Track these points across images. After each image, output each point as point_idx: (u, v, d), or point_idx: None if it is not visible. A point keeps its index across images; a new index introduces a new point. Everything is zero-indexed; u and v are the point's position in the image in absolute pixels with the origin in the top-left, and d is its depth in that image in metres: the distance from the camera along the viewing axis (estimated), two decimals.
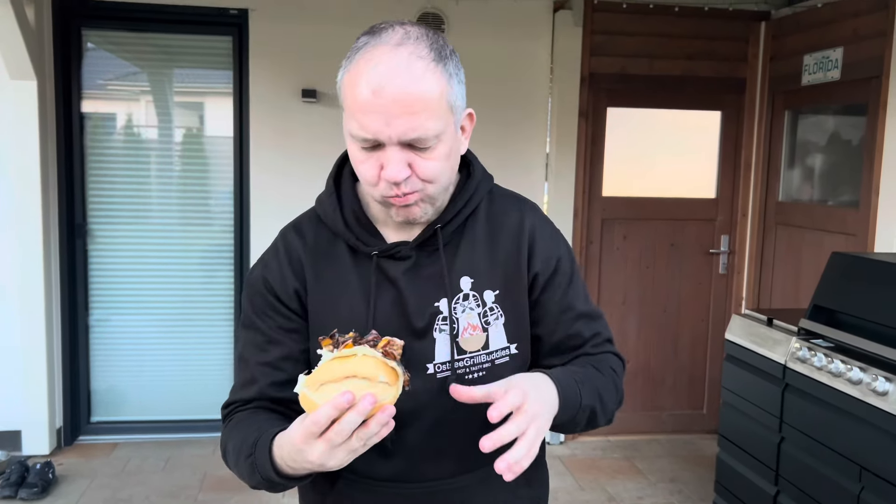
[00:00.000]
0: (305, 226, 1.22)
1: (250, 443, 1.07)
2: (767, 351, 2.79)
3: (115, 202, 4.11)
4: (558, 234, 1.28)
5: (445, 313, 1.15)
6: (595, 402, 1.14)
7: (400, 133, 1.03)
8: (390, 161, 1.05)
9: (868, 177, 3.42)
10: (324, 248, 1.19)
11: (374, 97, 1.02)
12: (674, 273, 4.38)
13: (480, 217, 1.21)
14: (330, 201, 1.20)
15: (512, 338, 1.18)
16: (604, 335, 1.26)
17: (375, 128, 1.03)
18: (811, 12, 3.82)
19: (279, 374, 1.17)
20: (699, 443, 4.34)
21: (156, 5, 3.89)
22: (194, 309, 4.21)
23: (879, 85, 3.32)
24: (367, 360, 0.96)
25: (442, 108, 1.05)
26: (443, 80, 1.05)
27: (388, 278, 1.16)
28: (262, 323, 1.19)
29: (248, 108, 4.01)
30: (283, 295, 1.18)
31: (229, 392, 1.23)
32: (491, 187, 1.25)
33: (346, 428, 0.92)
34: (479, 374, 1.16)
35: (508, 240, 1.20)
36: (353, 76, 1.05)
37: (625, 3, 4.06)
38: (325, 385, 0.95)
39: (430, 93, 1.03)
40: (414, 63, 1.03)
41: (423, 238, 1.16)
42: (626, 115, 4.27)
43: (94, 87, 4.06)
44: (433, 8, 4.00)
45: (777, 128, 4.13)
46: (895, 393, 2.19)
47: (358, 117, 1.04)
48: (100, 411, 4.22)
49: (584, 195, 4.21)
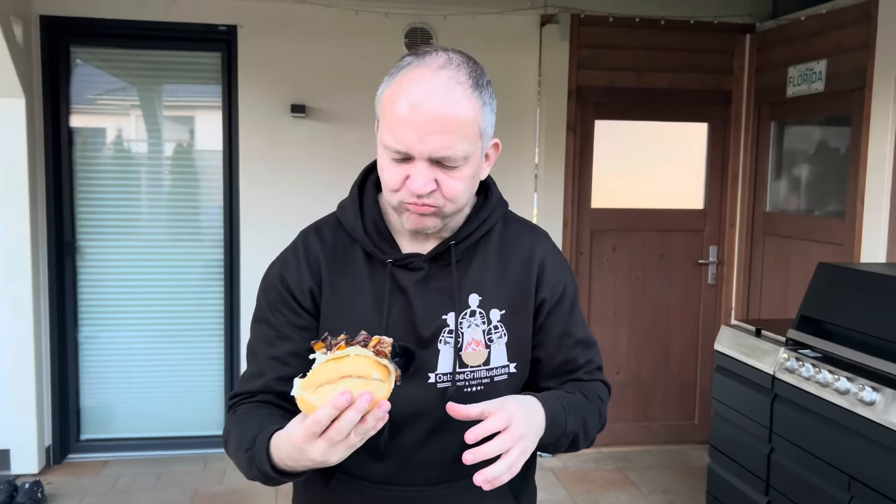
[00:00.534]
0: (325, 229, 1.28)
1: (250, 437, 1.11)
2: (756, 361, 2.81)
3: (105, 218, 4.10)
4: (566, 263, 1.34)
5: (452, 326, 1.20)
6: (579, 429, 1.21)
7: (431, 150, 1.09)
8: (418, 174, 1.11)
9: (853, 187, 3.45)
10: (341, 253, 1.24)
11: (412, 113, 1.08)
12: (663, 284, 4.40)
13: (494, 239, 1.27)
14: (352, 208, 1.25)
15: (512, 357, 1.24)
16: (596, 363, 1.33)
17: (409, 141, 1.09)
18: (795, 25, 3.87)
19: (286, 370, 1.21)
20: (691, 453, 4.35)
21: (144, 22, 3.90)
22: (184, 324, 4.20)
23: (862, 96, 3.36)
24: (361, 359, 1.01)
25: (473, 133, 1.12)
26: (477, 106, 1.12)
27: (400, 287, 1.21)
28: (274, 318, 1.23)
29: (238, 123, 4.02)
30: (298, 292, 1.22)
31: (237, 383, 1.28)
32: (506, 212, 1.31)
33: (345, 426, 0.97)
34: (478, 388, 1.22)
35: (519, 263, 1.26)
36: (395, 91, 1.11)
37: (611, 17, 4.10)
38: (322, 386, 0.99)
39: (464, 116, 1.10)
40: (453, 87, 1.10)
41: (437, 252, 1.22)
42: (614, 128, 4.30)
43: (83, 102, 4.06)
44: (421, 23, 4.02)
45: (763, 139, 4.17)
46: (882, 403, 2.20)
47: (394, 130, 1.10)
48: (89, 429, 4.19)
49: (573, 207, 4.23)
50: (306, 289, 1.22)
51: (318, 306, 1.22)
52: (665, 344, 4.44)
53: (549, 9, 4.08)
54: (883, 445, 2.19)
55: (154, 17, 3.88)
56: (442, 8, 4.01)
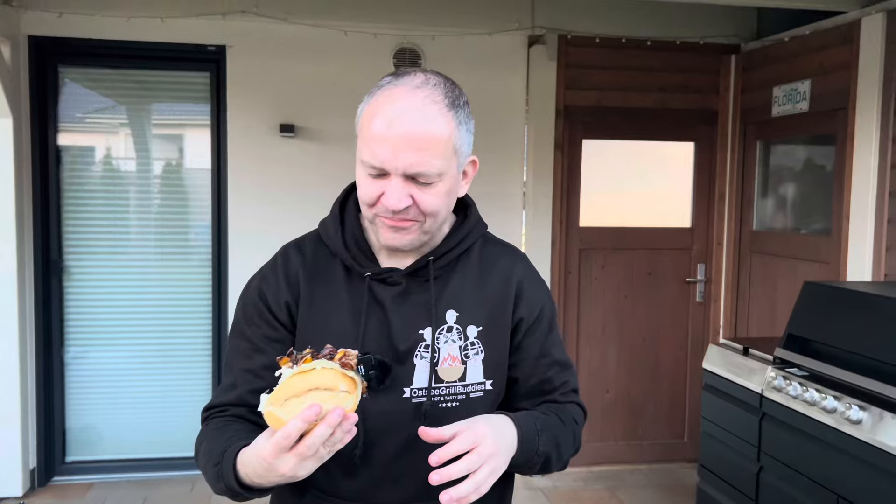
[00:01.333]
0: (306, 244, 1.30)
1: (219, 451, 1.12)
2: (744, 380, 2.81)
3: (92, 237, 4.08)
4: (544, 284, 1.36)
5: (428, 341, 1.21)
6: (551, 450, 1.21)
7: (405, 165, 1.12)
8: (393, 190, 1.14)
9: (838, 205, 3.48)
10: (321, 267, 1.26)
11: (387, 129, 1.12)
12: (652, 302, 4.41)
13: (473, 257, 1.29)
14: (333, 223, 1.28)
15: (489, 374, 1.25)
16: (571, 385, 1.34)
17: (384, 157, 1.13)
18: (779, 46, 3.91)
19: (259, 382, 1.22)
20: (680, 472, 4.34)
21: (133, 42, 3.91)
22: (172, 344, 4.17)
23: (846, 116, 3.40)
24: (327, 371, 1.02)
25: (447, 150, 1.16)
26: (452, 124, 1.16)
27: (378, 301, 1.22)
28: (250, 331, 1.25)
29: (226, 142, 4.02)
30: (274, 305, 1.24)
31: (213, 395, 1.29)
32: (485, 233, 1.33)
33: (316, 441, 0.98)
34: (453, 403, 1.22)
35: (497, 282, 1.28)
36: (373, 109, 1.16)
37: (598, 38, 4.13)
38: (289, 400, 1.00)
39: (438, 134, 1.14)
40: (428, 105, 1.14)
41: (416, 267, 1.23)
42: (602, 147, 4.33)
43: (71, 121, 4.05)
44: (410, 43, 4.05)
45: (749, 158, 4.21)
46: (869, 421, 2.21)
47: (371, 145, 1.14)
48: (75, 450, 4.14)
49: (562, 225, 4.25)
50: (283, 303, 1.24)
51: (295, 320, 1.24)
52: (654, 362, 4.44)
53: (536, 30, 4.11)
54: (870, 464, 2.19)
55: (143, 37, 3.89)
56: (430, 28, 4.04)
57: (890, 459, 2.11)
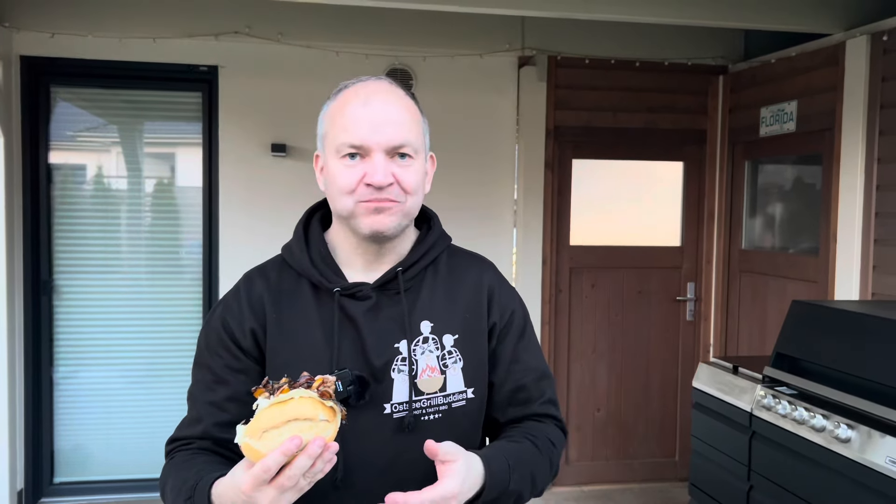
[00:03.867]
0: (270, 269, 1.29)
1: (190, 486, 1.09)
2: (734, 399, 2.82)
3: (83, 255, 4.08)
4: (515, 291, 1.36)
5: (405, 354, 1.20)
6: (525, 486, 1.19)
7: (388, 139, 1.16)
8: (377, 168, 1.16)
9: (825, 225, 3.51)
10: (287, 289, 1.24)
11: (364, 108, 1.16)
12: (642, 320, 4.42)
13: (441, 268, 1.28)
14: (297, 244, 1.27)
15: (469, 382, 1.23)
16: (548, 395, 1.32)
17: (364, 134, 1.15)
18: (766, 67, 3.97)
19: (223, 415, 1.20)
20: (672, 491, 4.34)
21: (125, 62, 3.92)
22: (163, 363, 4.16)
23: (832, 137, 3.44)
24: (305, 401, 0.99)
25: (418, 129, 1.22)
26: (416, 111, 1.23)
27: (349, 317, 1.20)
28: (213, 362, 1.23)
29: (218, 161, 4.03)
30: (238, 333, 1.22)
31: (176, 427, 1.26)
32: (449, 244, 1.33)
33: (296, 473, 0.96)
34: (436, 415, 1.20)
35: (469, 290, 1.28)
36: (341, 103, 1.20)
37: (587, 59, 4.18)
38: (267, 432, 0.97)
39: (409, 112, 1.21)
40: (395, 90, 1.22)
41: (384, 280, 1.22)
42: (592, 167, 4.36)
43: (63, 140, 4.06)
44: (401, 64, 4.08)
45: (738, 177, 4.24)
46: (857, 440, 2.22)
47: (348, 128, 1.17)
48: (63, 471, 4.11)
49: (552, 244, 4.27)
50: (247, 329, 1.21)
51: (261, 347, 1.22)
52: (645, 381, 4.45)
53: (526, 51, 4.16)
54: (858, 482, 2.20)
55: (136, 57, 3.91)
56: (421, 49, 4.08)
57: (878, 478, 2.13)
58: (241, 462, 1.02)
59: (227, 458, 1.18)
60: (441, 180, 4.16)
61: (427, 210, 1.33)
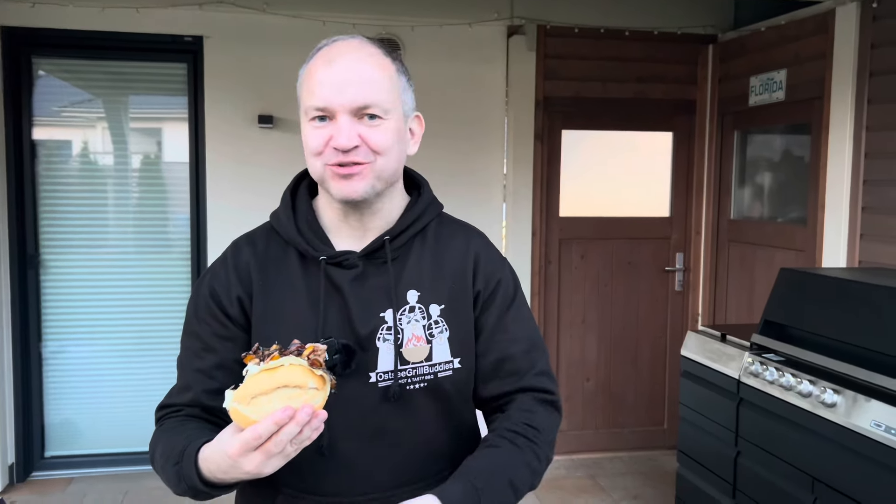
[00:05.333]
0: (258, 236, 1.28)
1: (178, 451, 1.09)
2: (721, 366, 2.85)
3: (69, 231, 4.04)
4: (503, 260, 1.33)
5: (390, 323, 1.19)
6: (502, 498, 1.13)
7: (350, 99, 1.13)
8: (342, 130, 1.13)
9: (814, 194, 3.52)
10: (274, 256, 1.23)
11: (328, 69, 1.14)
12: (631, 291, 4.44)
13: (429, 236, 1.26)
14: (285, 211, 1.26)
15: (456, 352, 1.22)
16: (540, 366, 1.27)
17: (327, 95, 1.13)
18: (755, 35, 3.95)
19: (212, 383, 1.20)
20: (661, 459, 4.39)
21: (108, 33, 3.86)
22: (152, 338, 4.15)
23: (821, 105, 3.44)
24: (295, 368, 0.99)
25: (389, 88, 1.17)
26: (391, 68, 1.18)
27: (335, 286, 1.19)
28: (201, 329, 1.22)
29: (204, 134, 3.99)
30: (225, 300, 1.21)
31: (165, 395, 1.26)
32: (440, 212, 1.30)
33: (284, 439, 0.96)
34: (421, 384, 1.19)
35: (455, 259, 1.25)
36: (312, 65, 1.17)
37: (577, 28, 4.15)
38: (256, 398, 0.97)
39: (380, 70, 1.16)
40: (366, 47, 1.18)
41: (371, 249, 1.20)
42: (581, 137, 4.35)
43: (47, 115, 4.01)
44: (389, 34, 4.04)
45: (727, 147, 4.24)
46: (843, 405, 2.25)
47: (314, 90, 1.14)
48: (54, 445, 4.11)
49: (542, 215, 4.27)
50: (234, 297, 1.21)
51: (248, 315, 1.21)
52: (634, 351, 4.48)
53: (515, 20, 4.12)
54: (844, 447, 2.23)
55: (119, 28, 3.85)
56: (409, 19, 4.03)
57: (864, 441, 2.15)
58: (229, 427, 1.03)
59: (215, 424, 1.18)
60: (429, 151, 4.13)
61: (418, 176, 1.31)
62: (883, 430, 2.09)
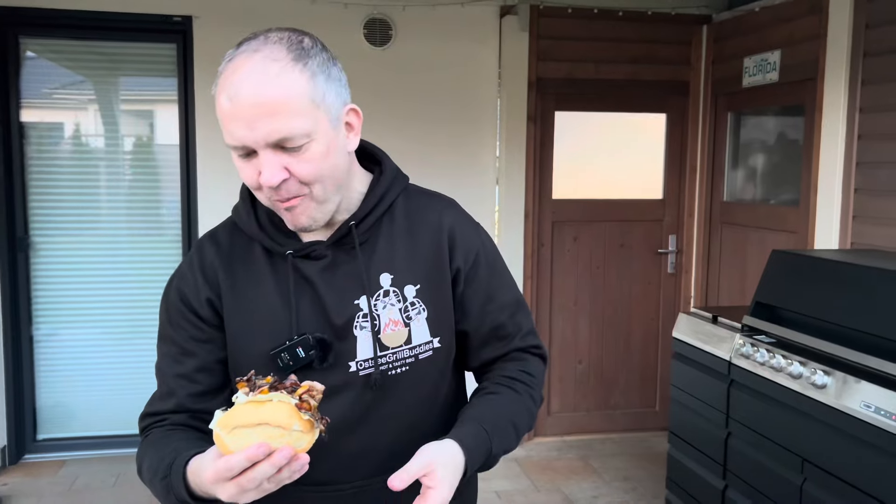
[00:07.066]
0: (221, 233, 1.24)
1: (166, 464, 1.07)
2: (713, 348, 2.85)
3: (59, 213, 4.02)
4: (477, 227, 1.30)
5: (366, 310, 1.16)
6: (509, 441, 1.17)
7: (264, 135, 1.03)
8: (264, 166, 1.05)
9: (807, 176, 3.51)
10: (239, 253, 1.20)
11: (232, 104, 1.03)
12: (624, 273, 4.44)
13: (398, 214, 1.22)
14: (244, 207, 1.22)
15: (435, 331, 1.20)
16: (526, 326, 1.29)
17: (240, 134, 1.04)
18: (750, 16, 3.92)
19: (196, 386, 1.19)
20: (652, 440, 4.41)
21: (96, 13, 3.81)
22: (143, 320, 4.13)
23: (815, 87, 3.42)
24: (282, 406, 0.95)
25: (305, 107, 1.05)
26: (302, 78, 1.05)
27: (305, 278, 1.16)
28: (176, 334, 1.20)
29: (195, 116, 3.96)
30: (196, 303, 1.19)
31: (147, 403, 1.23)
32: (406, 185, 1.26)
33: (258, 477, 0.93)
34: (403, 369, 1.18)
35: (428, 235, 1.22)
36: (219, 88, 1.06)
37: (570, 8, 4.11)
38: (237, 429, 0.94)
39: (288, 92, 1.03)
40: (268, 66, 1.04)
41: (339, 236, 1.17)
42: (574, 119, 4.32)
43: (35, 96, 3.97)
44: (380, 13, 4.00)
45: (721, 129, 4.23)
46: (833, 386, 2.25)
47: (226, 126, 1.05)
48: (46, 428, 4.11)
49: (535, 198, 4.25)
50: (203, 299, 1.18)
51: (220, 315, 1.18)
52: (626, 333, 4.49)
53: (508, 0, 4.08)
54: (834, 428, 2.24)
55: (107, 7, 3.80)
56: None
57: (853, 423, 2.16)
58: (213, 448, 1.00)
59: (204, 431, 1.15)
60: (421, 133, 4.13)
61: (376, 151, 1.25)
62: (873, 412, 2.09)
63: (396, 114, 4.05)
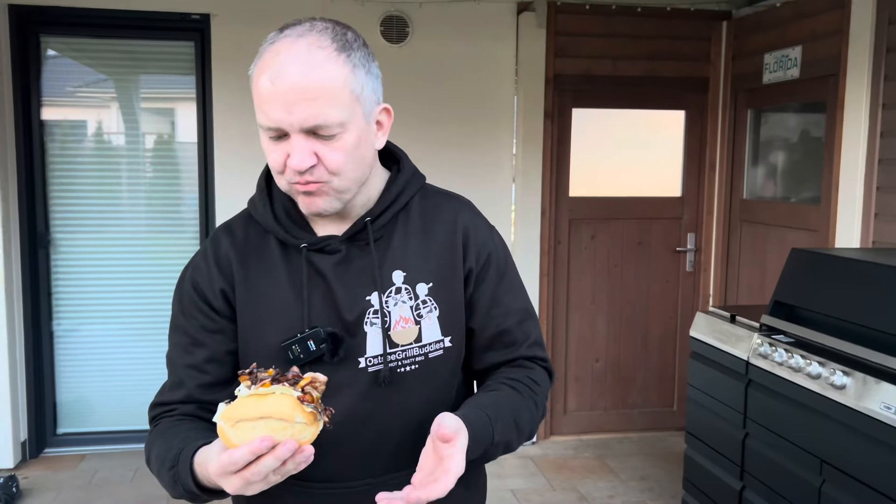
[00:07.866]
0: (236, 225, 1.24)
1: (173, 454, 1.07)
2: (730, 347, 2.82)
3: (80, 210, 4.06)
4: (492, 229, 1.29)
5: (377, 306, 1.16)
6: (510, 435, 1.15)
7: (301, 120, 1.04)
8: (295, 150, 1.06)
9: (828, 174, 3.46)
10: (254, 245, 1.20)
11: (273, 86, 1.04)
12: (641, 272, 4.41)
13: (413, 212, 1.22)
14: (261, 199, 1.22)
15: (446, 331, 1.19)
16: (533, 336, 1.27)
17: (277, 116, 1.04)
18: (771, 11, 3.87)
19: (205, 377, 1.19)
20: (669, 440, 4.37)
21: (115, 11, 3.84)
22: (163, 316, 4.16)
23: (837, 83, 3.37)
24: (285, 399, 0.94)
25: (344, 97, 1.06)
26: (345, 69, 1.06)
27: (318, 272, 1.16)
28: (188, 324, 1.20)
29: (212, 113, 3.98)
30: (209, 294, 1.19)
31: (157, 392, 1.24)
32: (423, 185, 1.26)
33: (262, 470, 0.93)
34: (412, 367, 1.18)
35: (443, 234, 1.21)
36: (259, 69, 1.07)
37: (588, 5, 4.08)
38: (240, 422, 0.94)
39: (330, 80, 1.05)
40: (313, 52, 1.05)
41: (353, 232, 1.17)
42: (591, 116, 4.29)
43: (55, 94, 4.01)
44: (397, 11, 4.00)
45: (740, 126, 4.18)
46: (853, 387, 2.22)
47: (262, 107, 1.06)
48: (66, 423, 4.15)
49: (552, 195, 4.23)
50: (217, 290, 1.18)
51: (233, 306, 1.19)
52: (644, 331, 4.46)
53: None
54: (853, 429, 2.20)
55: (125, 5, 3.83)
56: None
57: (873, 424, 2.12)
58: (218, 441, 1.00)
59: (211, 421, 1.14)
60: (437, 130, 4.12)
61: (395, 150, 1.26)
62: (893, 413, 2.06)
63: (413, 111, 4.04)
